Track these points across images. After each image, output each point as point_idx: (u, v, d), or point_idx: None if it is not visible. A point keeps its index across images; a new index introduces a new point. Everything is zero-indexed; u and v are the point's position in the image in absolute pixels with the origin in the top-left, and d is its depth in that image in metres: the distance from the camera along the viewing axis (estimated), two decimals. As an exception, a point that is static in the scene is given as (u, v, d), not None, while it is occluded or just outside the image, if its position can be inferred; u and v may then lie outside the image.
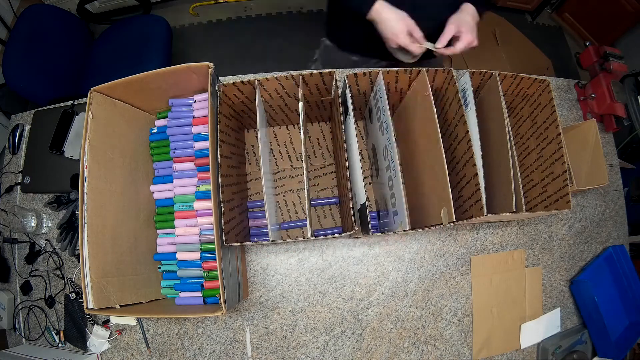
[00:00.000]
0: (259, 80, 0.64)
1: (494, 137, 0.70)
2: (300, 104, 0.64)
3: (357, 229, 0.58)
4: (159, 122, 0.77)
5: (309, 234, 0.59)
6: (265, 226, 0.59)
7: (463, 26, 0.71)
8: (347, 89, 0.66)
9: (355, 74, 0.66)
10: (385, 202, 0.73)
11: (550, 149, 0.73)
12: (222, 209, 0.59)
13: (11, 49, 1.18)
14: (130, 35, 1.45)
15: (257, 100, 0.64)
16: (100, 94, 0.65)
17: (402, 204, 0.59)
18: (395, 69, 0.66)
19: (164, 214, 0.74)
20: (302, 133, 0.62)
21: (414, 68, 0.67)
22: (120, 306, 0.62)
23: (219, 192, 0.59)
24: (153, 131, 0.77)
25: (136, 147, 0.74)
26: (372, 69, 0.66)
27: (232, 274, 0.67)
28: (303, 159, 0.63)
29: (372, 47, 0.86)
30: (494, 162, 0.71)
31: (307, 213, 0.60)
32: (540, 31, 2.17)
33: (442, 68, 0.67)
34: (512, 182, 0.63)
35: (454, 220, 0.57)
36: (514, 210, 0.63)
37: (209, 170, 0.61)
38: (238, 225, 0.70)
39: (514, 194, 0.63)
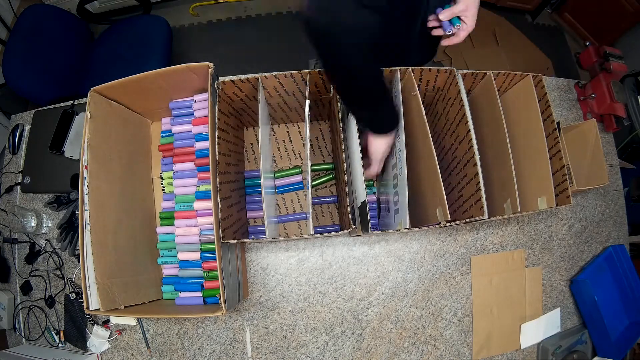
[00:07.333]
0: (260, 78, 0.64)
1: (491, 136, 0.70)
2: (307, 102, 0.63)
3: (354, 227, 0.58)
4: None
5: (311, 231, 0.59)
6: (264, 224, 0.59)
7: (470, 10, 0.65)
8: None
9: None
10: (387, 201, 0.73)
11: (547, 144, 0.73)
12: (220, 206, 0.59)
13: (11, 49, 1.18)
14: (130, 35, 1.45)
15: (259, 96, 0.64)
16: (98, 94, 0.65)
17: (405, 202, 0.59)
18: (397, 67, 0.66)
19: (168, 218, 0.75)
20: (307, 130, 0.62)
21: (401, 68, 0.66)
22: (125, 307, 0.62)
23: (217, 189, 0.60)
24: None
25: (134, 147, 0.74)
26: None
27: (232, 274, 0.67)
28: (307, 155, 0.62)
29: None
30: (493, 161, 0.71)
31: (309, 210, 0.60)
32: (540, 31, 2.16)
33: (445, 68, 0.67)
34: (515, 180, 0.63)
35: (449, 219, 0.57)
36: (519, 210, 0.63)
37: (209, 171, 0.61)
38: (236, 222, 0.70)
39: (517, 193, 0.63)
